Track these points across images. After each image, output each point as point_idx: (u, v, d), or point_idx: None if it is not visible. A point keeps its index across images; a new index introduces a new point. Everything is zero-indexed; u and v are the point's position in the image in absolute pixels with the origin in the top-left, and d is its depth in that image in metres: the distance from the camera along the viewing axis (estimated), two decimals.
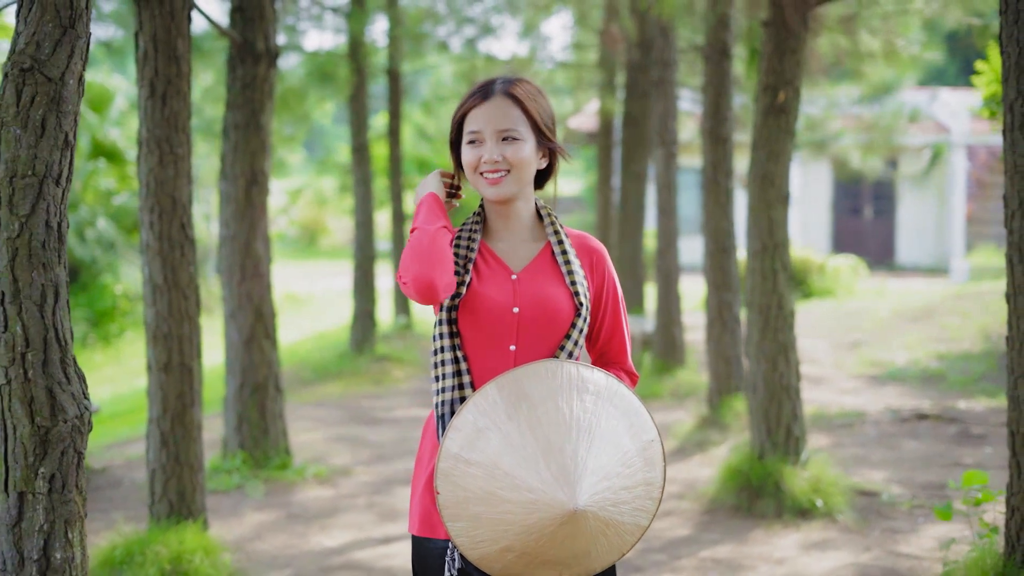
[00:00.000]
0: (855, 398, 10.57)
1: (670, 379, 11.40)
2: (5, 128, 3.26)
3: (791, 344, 7.05)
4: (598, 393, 2.72)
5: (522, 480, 2.59)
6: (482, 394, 2.70)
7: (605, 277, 2.97)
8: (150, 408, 5.78)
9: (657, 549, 6.36)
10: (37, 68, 3.24)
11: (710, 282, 9.51)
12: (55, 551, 3.34)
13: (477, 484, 2.63)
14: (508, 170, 2.84)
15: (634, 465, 2.68)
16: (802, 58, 6.96)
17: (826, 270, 19.17)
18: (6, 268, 3.26)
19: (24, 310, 3.28)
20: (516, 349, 2.85)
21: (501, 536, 2.62)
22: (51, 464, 3.33)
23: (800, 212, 26.01)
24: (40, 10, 3.24)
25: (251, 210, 7.89)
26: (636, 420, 2.74)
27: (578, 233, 3.00)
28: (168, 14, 5.45)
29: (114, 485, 7.84)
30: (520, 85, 2.88)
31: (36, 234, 3.28)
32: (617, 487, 2.64)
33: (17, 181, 3.25)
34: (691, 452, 8.64)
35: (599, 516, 2.60)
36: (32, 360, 3.29)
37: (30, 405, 3.30)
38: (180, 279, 5.65)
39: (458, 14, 15.46)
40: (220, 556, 5.58)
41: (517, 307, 2.85)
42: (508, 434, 2.64)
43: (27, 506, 3.33)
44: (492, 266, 2.92)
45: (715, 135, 9.25)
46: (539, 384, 2.69)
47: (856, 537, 6.40)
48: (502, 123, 2.82)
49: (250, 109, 7.79)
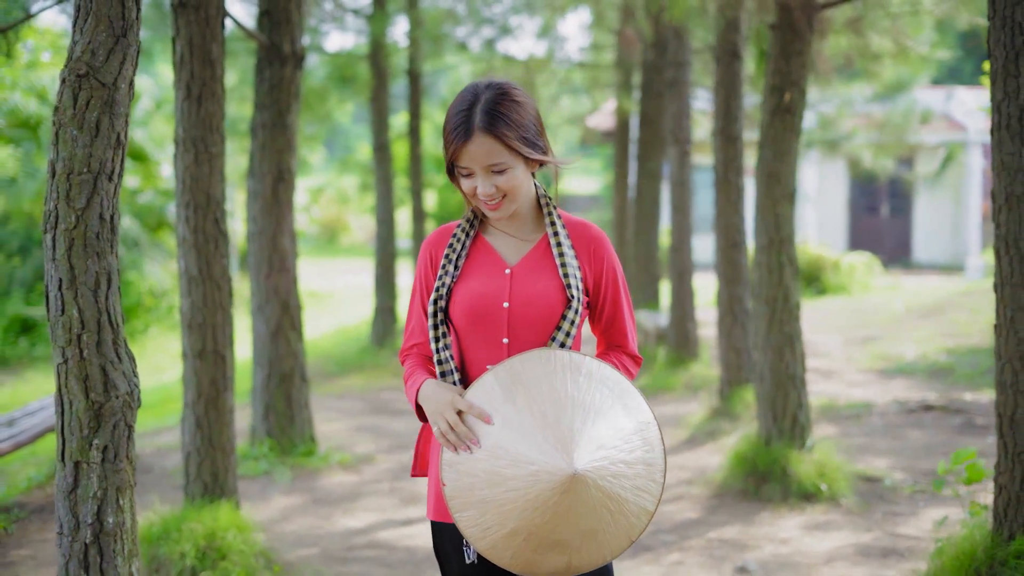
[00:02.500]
0: (864, 390, 10.82)
1: (684, 372, 11.68)
2: (63, 129, 3.56)
3: (797, 335, 7.32)
4: (591, 375, 2.77)
5: (522, 454, 2.64)
6: (479, 384, 2.78)
7: (604, 264, 2.99)
8: (185, 393, 6.08)
9: (667, 530, 6.64)
10: (92, 74, 3.55)
11: (721, 276, 9.78)
12: (107, 516, 3.65)
13: (480, 467, 2.68)
14: (504, 195, 2.88)
15: (632, 442, 2.72)
16: (808, 60, 7.21)
17: (840, 267, 19.39)
18: (63, 257, 3.57)
19: (80, 295, 3.59)
20: (509, 342, 2.91)
21: (507, 518, 2.65)
22: (104, 436, 3.64)
23: (816, 210, 26.20)
24: (95, 21, 3.55)
25: (278, 206, 8.19)
26: (631, 402, 2.78)
27: (578, 221, 3.03)
28: (203, 20, 5.77)
29: (145, 471, 8.15)
30: (496, 113, 2.83)
31: (91, 225, 3.59)
32: (616, 458, 2.67)
33: (74, 177, 3.56)
34: (702, 441, 8.92)
35: (599, 485, 2.64)
36: (87, 341, 3.60)
37: (85, 382, 3.61)
38: (214, 271, 5.96)
39: (477, 15, 15.73)
40: (252, 534, 5.88)
41: (508, 302, 2.91)
42: (507, 415, 2.70)
43: (82, 474, 3.64)
44: (487, 260, 2.99)
45: (726, 134, 9.52)
46: (533, 368, 2.76)
47: (858, 519, 6.67)
48: (487, 160, 2.82)
49: (277, 109, 8.09)
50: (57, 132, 3.57)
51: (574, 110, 23.20)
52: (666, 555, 6.21)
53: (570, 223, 3.01)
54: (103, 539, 3.65)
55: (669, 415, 10.14)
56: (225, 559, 5.60)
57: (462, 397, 2.78)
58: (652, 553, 6.24)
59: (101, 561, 3.65)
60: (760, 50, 8.56)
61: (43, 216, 3.60)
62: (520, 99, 2.88)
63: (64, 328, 3.60)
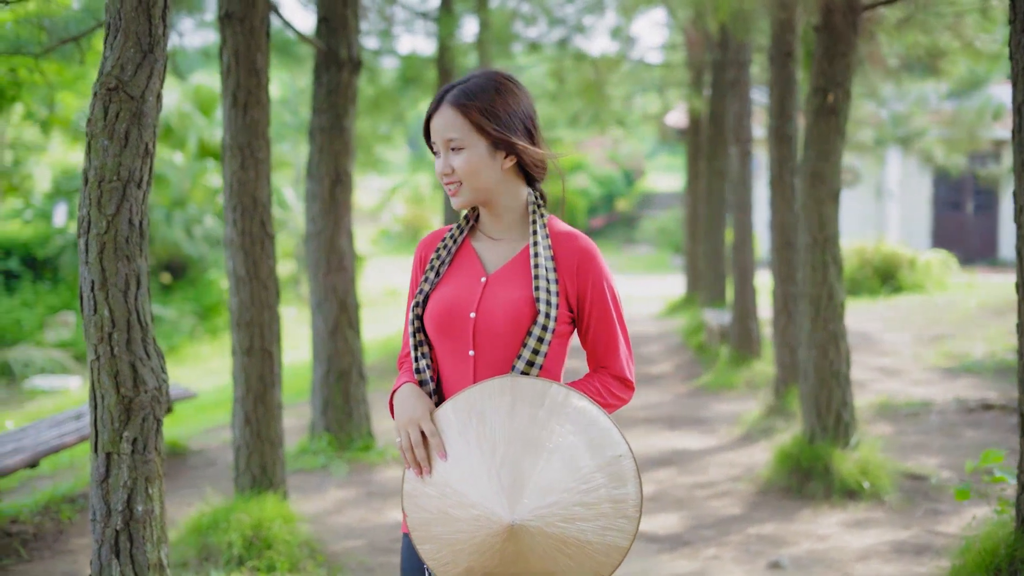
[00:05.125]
0: (926, 389, 10.78)
1: (746, 370, 11.73)
2: (94, 140, 3.78)
3: (841, 333, 7.38)
4: (553, 408, 2.62)
5: (467, 497, 2.57)
6: (439, 413, 2.68)
7: (590, 279, 2.80)
8: (235, 389, 6.32)
9: (708, 526, 6.75)
10: (121, 88, 3.76)
11: (776, 275, 9.83)
12: (137, 504, 3.87)
13: (433, 504, 2.62)
14: (460, 181, 2.77)
15: (593, 481, 2.57)
16: (852, 61, 7.26)
17: (917, 265, 19.21)
18: (95, 260, 3.79)
19: (110, 296, 3.80)
20: (475, 355, 2.76)
21: (460, 557, 2.61)
22: (133, 428, 3.85)
23: (899, 207, 25.96)
24: (124, 38, 3.76)
25: (335, 208, 8.43)
26: (598, 435, 2.61)
27: (568, 232, 2.85)
28: (248, 31, 6.00)
29: (209, 464, 8.43)
30: (469, 90, 2.77)
31: (120, 231, 3.80)
32: (569, 502, 2.55)
33: (104, 185, 3.77)
34: (756, 438, 9.00)
35: (548, 532, 2.54)
36: (117, 339, 3.82)
37: (115, 378, 3.82)
38: (260, 271, 6.20)
39: (549, 15, 15.86)
40: (297, 524, 6.10)
41: (474, 312, 2.77)
42: (457, 452, 2.62)
43: (113, 465, 3.86)
44: (468, 267, 2.87)
45: (780, 134, 9.56)
46: (491, 400, 2.64)
47: (898, 517, 6.71)
48: (446, 133, 2.75)
49: (334, 113, 8.32)
50: (89, 142, 3.79)
51: (648, 109, 23.24)
52: (704, 549, 6.31)
53: (557, 234, 2.84)
54: (133, 526, 3.87)
55: (728, 413, 10.22)
56: (271, 549, 5.81)
57: (432, 418, 2.70)
58: (690, 548, 6.35)
59: (131, 547, 3.86)
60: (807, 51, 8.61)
61: (77, 221, 3.83)
62: (504, 87, 2.79)
63: (96, 327, 3.82)
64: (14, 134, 20.00)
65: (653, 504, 7.24)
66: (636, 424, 9.94)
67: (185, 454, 8.81)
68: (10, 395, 15.68)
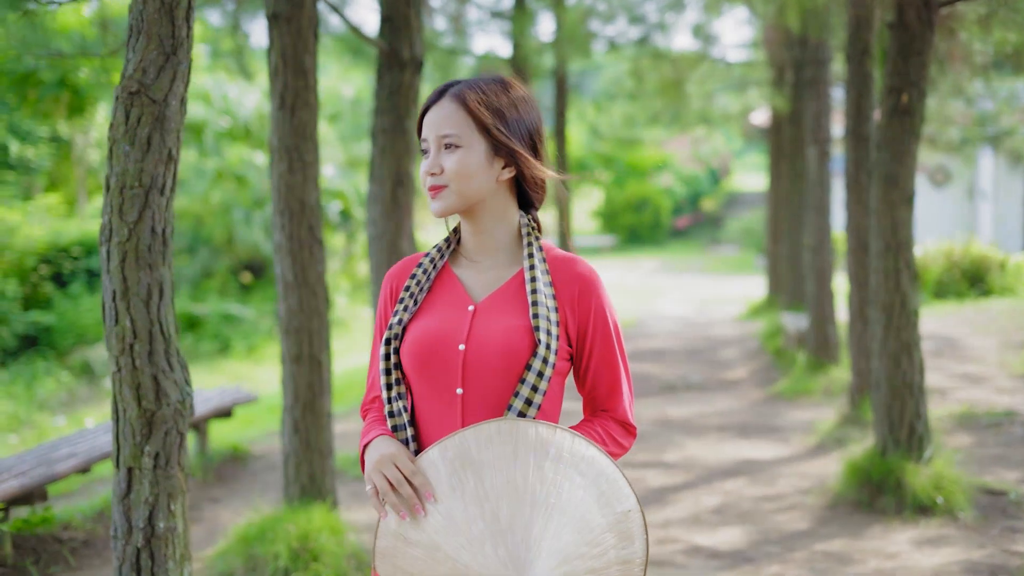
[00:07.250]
0: (1011, 398, 10.39)
1: (823, 376, 11.42)
2: (116, 145, 3.68)
3: (915, 343, 7.08)
4: (559, 458, 2.33)
5: (466, 566, 2.26)
6: (424, 460, 2.34)
7: (592, 309, 2.52)
8: (284, 397, 6.22)
9: (773, 541, 6.51)
10: (143, 91, 3.66)
11: (852, 279, 9.53)
12: (159, 521, 3.77)
13: (418, 567, 2.30)
14: (447, 183, 2.48)
15: (604, 543, 2.33)
16: (928, 60, 6.96)
17: (1007, 267, 18.66)
18: (116, 269, 3.69)
19: (132, 306, 3.70)
20: (463, 393, 2.44)
21: None
22: (156, 443, 3.75)
23: (992, 208, 25.30)
24: (146, 40, 3.65)
25: (397, 210, 8.28)
26: (608, 489, 2.35)
27: (566, 256, 2.57)
28: (296, 32, 5.89)
29: (270, 469, 8.36)
30: (475, 86, 2.51)
31: (143, 239, 3.70)
32: (581, 569, 2.29)
33: (126, 192, 3.67)
34: (829, 448, 8.72)
35: None
36: (139, 350, 3.72)
37: (137, 390, 3.72)
38: (309, 277, 6.08)
39: (630, 12, 15.67)
40: (345, 536, 5.98)
41: (464, 344, 2.45)
42: (451, 510, 2.28)
43: (134, 480, 3.76)
44: (450, 295, 2.57)
45: (857, 134, 9.27)
46: (488, 449, 2.31)
47: (973, 534, 6.42)
48: (443, 128, 2.47)
49: (396, 114, 8.17)
50: (111, 148, 3.69)
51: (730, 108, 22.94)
52: (766, 567, 6.08)
53: (555, 259, 2.56)
54: (154, 543, 3.76)
55: (802, 421, 9.94)
56: (317, 560, 5.70)
57: (411, 460, 2.36)
58: (752, 565, 6.12)
59: (152, 565, 3.76)
60: (882, 49, 8.31)
61: (100, 229, 3.73)
62: (515, 90, 2.55)
63: (118, 338, 3.72)
64: (99, 133, 20.19)
65: (717, 517, 7.02)
66: (708, 432, 9.70)
67: (247, 458, 8.75)
68: (91, 393, 15.83)
